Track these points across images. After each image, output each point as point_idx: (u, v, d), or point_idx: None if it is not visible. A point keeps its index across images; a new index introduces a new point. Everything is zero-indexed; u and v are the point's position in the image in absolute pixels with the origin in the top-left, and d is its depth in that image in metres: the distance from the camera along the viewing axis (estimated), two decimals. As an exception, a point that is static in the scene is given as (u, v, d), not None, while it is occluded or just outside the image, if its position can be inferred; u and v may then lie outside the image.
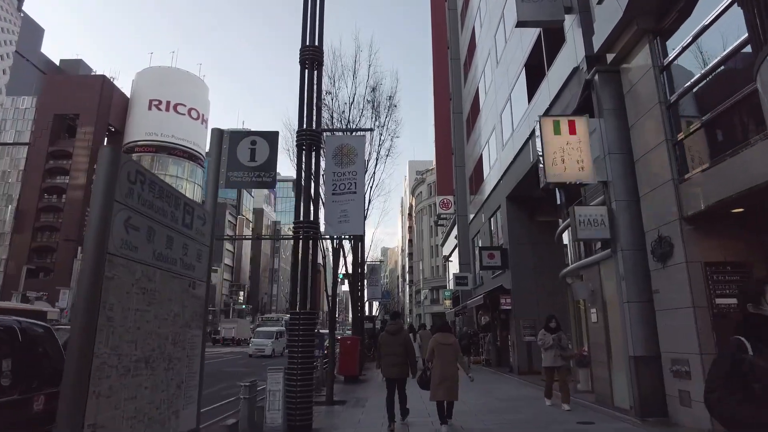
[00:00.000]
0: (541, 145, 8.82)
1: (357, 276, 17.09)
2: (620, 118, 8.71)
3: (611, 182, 8.54)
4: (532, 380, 13.77)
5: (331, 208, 8.26)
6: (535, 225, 17.21)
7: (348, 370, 14.18)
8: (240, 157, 3.81)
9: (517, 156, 15.74)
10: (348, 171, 8.33)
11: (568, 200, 11.93)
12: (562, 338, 9.07)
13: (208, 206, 3.90)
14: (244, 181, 3.77)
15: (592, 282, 9.41)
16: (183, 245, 3.27)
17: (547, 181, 8.62)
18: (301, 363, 7.35)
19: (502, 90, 17.96)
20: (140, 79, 79.65)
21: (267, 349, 28.48)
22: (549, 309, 16.25)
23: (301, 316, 7.47)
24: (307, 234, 7.81)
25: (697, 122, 6.82)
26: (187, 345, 3.30)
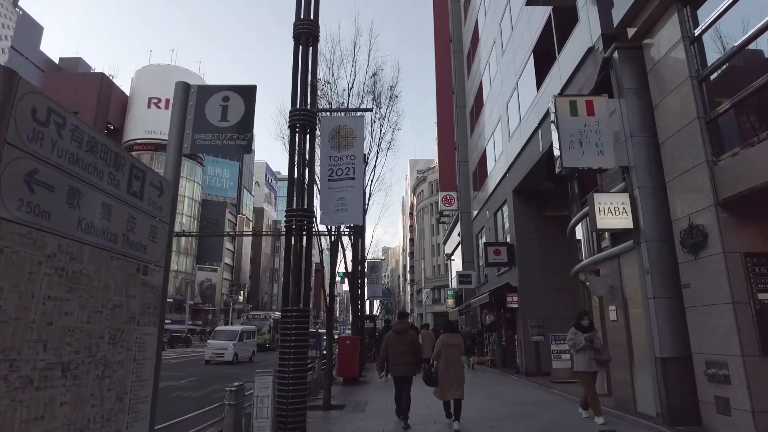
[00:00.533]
0: (557, 128, 8.10)
1: (357, 273, 16.38)
2: (642, 97, 7.98)
3: (633, 167, 7.81)
4: (541, 382, 13.06)
5: (327, 196, 7.55)
6: (543, 220, 16.49)
7: (347, 372, 13.47)
8: (209, 116, 3.11)
9: (525, 146, 15.01)
10: (346, 155, 7.62)
11: (581, 190, 11.21)
12: (596, 338, 7.50)
13: (169, 174, 3.19)
14: (213, 144, 3.06)
15: (610, 277, 8.68)
16: (129, 218, 2.56)
17: (564, 167, 7.89)
18: (294, 364, 6.64)
19: (509, 79, 17.24)
20: (139, 77, 79.11)
21: (227, 354, 22.26)
22: (558, 307, 15.59)
23: (293, 313, 6.75)
24: (301, 223, 7.10)
25: (737, 95, 6.09)
26: (135, 346, 2.58)
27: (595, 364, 7.44)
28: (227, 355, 22.37)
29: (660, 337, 7.04)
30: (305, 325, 6.90)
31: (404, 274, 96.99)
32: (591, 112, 8.15)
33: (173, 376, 16.10)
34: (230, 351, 22.54)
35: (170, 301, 66.65)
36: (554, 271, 15.77)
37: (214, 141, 3.22)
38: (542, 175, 14.35)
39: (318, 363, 13.65)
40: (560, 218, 16.38)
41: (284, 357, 6.68)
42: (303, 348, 6.78)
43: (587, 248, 10.63)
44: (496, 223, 19.94)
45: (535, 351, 15.32)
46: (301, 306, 7.00)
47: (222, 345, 22.84)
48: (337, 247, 10.00)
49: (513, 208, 16.66)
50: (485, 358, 20.36)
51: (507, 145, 17.47)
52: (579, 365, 7.57)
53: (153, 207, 2.86)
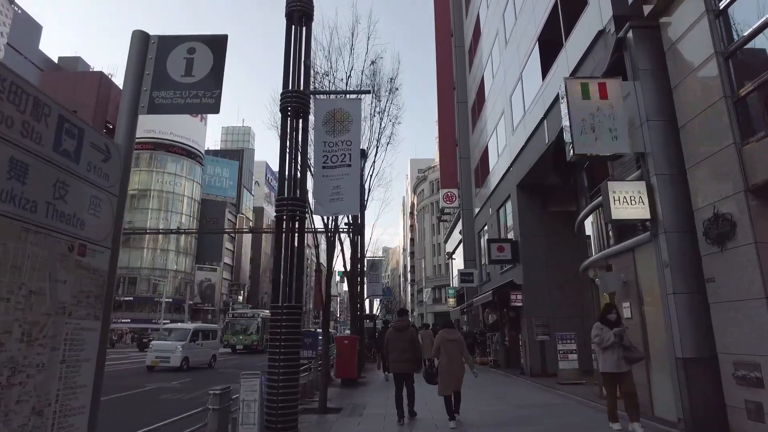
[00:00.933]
0: (568, 112, 7.57)
1: (356, 271, 15.85)
2: (659, 79, 7.45)
3: (650, 153, 7.27)
4: (547, 383, 12.51)
5: (321, 184, 7.02)
6: (548, 215, 15.96)
7: (345, 373, 12.93)
8: (171, 71, 2.58)
9: (529, 139, 14.48)
10: (341, 140, 7.09)
11: (590, 182, 10.68)
12: (625, 335, 6.55)
13: (121, 138, 2.66)
14: (175, 103, 2.53)
15: (624, 272, 8.15)
16: (57, 183, 2.03)
17: (575, 153, 7.36)
18: (284, 365, 6.10)
19: (512, 71, 16.71)
20: (138, 76, 78.52)
21: (174, 358, 17.85)
22: (563, 306, 15.05)
23: (283, 310, 6.22)
24: (293, 213, 6.57)
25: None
26: (63, 344, 2.06)
27: (624, 363, 6.45)
28: (174, 360, 17.86)
29: (681, 336, 6.51)
30: (296, 324, 6.37)
31: (404, 273, 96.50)
32: (604, 95, 7.62)
33: (166, 378, 15.58)
34: (178, 354, 17.98)
35: (169, 301, 66.20)
36: (560, 268, 15.24)
37: (176, 99, 2.70)
38: (547, 168, 13.82)
39: (315, 364, 13.15)
40: (565, 214, 15.85)
41: (274, 357, 6.16)
42: (294, 348, 6.25)
43: (597, 243, 10.09)
44: (498, 220, 19.41)
45: (540, 351, 14.78)
46: (293, 302, 6.48)
47: (168, 347, 18.29)
48: (334, 240, 9.48)
49: (517, 203, 16.12)
50: (488, 359, 19.80)
51: (510, 138, 16.94)
52: (606, 365, 6.54)
53: (95, 173, 2.33)
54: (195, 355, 19.07)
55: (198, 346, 19.47)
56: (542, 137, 13.28)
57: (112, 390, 12.10)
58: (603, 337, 6.55)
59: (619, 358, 6.45)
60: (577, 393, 10.45)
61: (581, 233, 11.40)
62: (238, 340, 30.65)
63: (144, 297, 68.30)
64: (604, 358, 6.58)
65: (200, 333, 20.18)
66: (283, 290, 6.39)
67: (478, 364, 20.15)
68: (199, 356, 19.39)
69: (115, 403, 10.33)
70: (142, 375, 16.37)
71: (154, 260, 71.42)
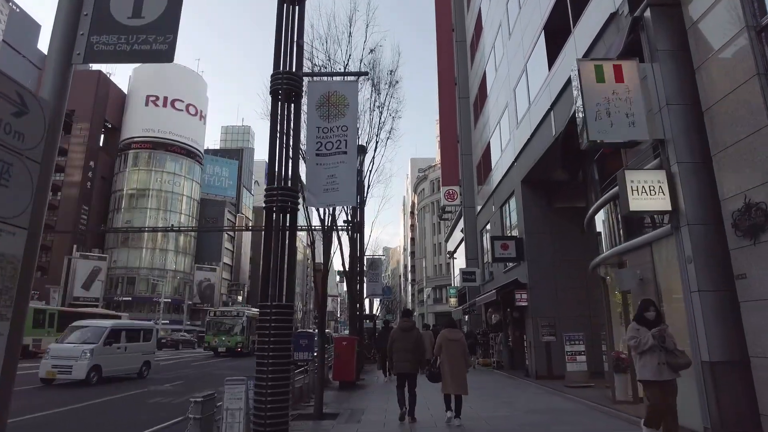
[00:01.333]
0: (581, 96, 7.02)
1: (355, 269, 15.32)
2: (680, 60, 6.90)
3: (670, 140, 6.73)
4: (554, 386, 11.97)
5: (315, 174, 6.48)
6: (553, 212, 15.42)
7: (344, 375, 12.40)
8: (115, 12, 2.04)
9: (535, 132, 13.94)
10: (337, 126, 6.56)
11: (601, 175, 10.14)
12: (668, 335, 5.41)
13: (47, 92, 2.12)
14: (119, 50, 1.99)
15: (640, 269, 7.60)
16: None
17: (590, 140, 6.81)
18: (273, 369, 5.57)
19: (516, 62, 16.16)
20: (137, 75, 78.14)
21: (78, 367, 13.13)
22: (570, 305, 14.49)
23: (272, 309, 5.69)
24: (283, 204, 6.04)
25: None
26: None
27: (667, 370, 5.31)
28: (77, 370, 13.08)
29: (708, 338, 5.96)
30: (287, 325, 5.84)
31: (405, 273, 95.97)
32: (620, 78, 7.08)
33: (158, 379, 15.04)
34: (84, 362, 13.24)
35: (168, 301, 65.67)
36: (566, 266, 14.71)
37: (120, 46, 2.16)
38: (554, 162, 13.24)
39: (312, 366, 12.64)
40: (572, 210, 15.31)
41: (262, 361, 5.62)
42: (284, 351, 5.71)
43: (609, 239, 9.54)
44: (502, 218, 18.86)
45: (546, 352, 14.24)
46: (283, 301, 5.94)
47: (70, 352, 13.42)
48: (331, 236, 8.95)
49: (521, 199, 15.57)
50: (491, 360, 19.26)
51: (515, 133, 16.39)
52: (645, 372, 5.45)
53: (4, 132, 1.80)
54: (113, 362, 14.38)
55: (118, 351, 14.70)
56: (549, 129, 12.75)
57: (97, 393, 11.59)
58: (640, 339, 5.46)
59: (660, 364, 5.31)
60: (587, 397, 9.91)
61: (591, 229, 10.85)
62: (221, 341, 28.15)
63: (142, 297, 67.83)
64: (642, 364, 5.47)
65: (122, 333, 15.18)
66: (272, 288, 5.85)
67: (480, 365, 19.67)
68: (120, 364, 14.75)
69: (96, 408, 9.79)
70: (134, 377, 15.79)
71: (152, 260, 70.96)
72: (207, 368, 19.90)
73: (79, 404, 10.02)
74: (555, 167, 13.90)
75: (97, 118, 72.78)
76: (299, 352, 10.25)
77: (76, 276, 60.26)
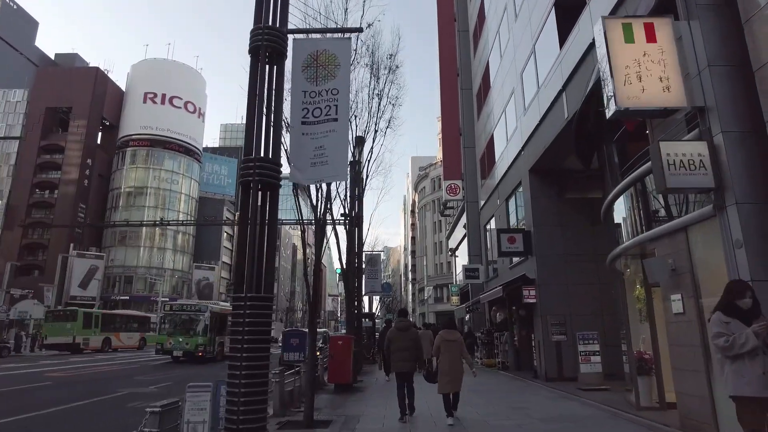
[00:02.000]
0: (607, 59, 6.10)
1: (353, 264, 14.42)
2: (723, 15, 5.99)
3: (713, 107, 5.81)
4: (566, 389, 11.07)
5: (300, 145, 5.58)
6: (564, 203, 14.49)
7: (339, 377, 11.48)
8: None
9: (545, 116, 13.02)
10: (326, 89, 5.66)
11: (622, 157, 9.22)
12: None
13: None
14: None
15: (673, 257, 6.67)
16: None
17: (618, 108, 5.89)
18: (247, 372, 4.67)
19: (523, 45, 15.24)
20: (135, 72, 77.35)
21: None
22: (582, 302, 13.54)
23: (247, 302, 4.79)
24: (263, 178, 5.14)
25: None
26: None
27: None
28: None
29: (762, 335, 5.03)
30: (265, 320, 4.94)
31: (405, 273, 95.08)
32: (651, 38, 6.17)
33: (143, 381, 14.11)
34: None
35: (166, 300, 64.75)
36: (578, 260, 13.80)
37: None
38: (565, 148, 12.34)
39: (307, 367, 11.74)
40: (584, 201, 14.43)
41: (235, 364, 4.72)
42: (261, 351, 4.81)
43: (631, 227, 8.62)
44: (507, 211, 17.94)
45: (557, 352, 13.33)
46: (262, 293, 5.04)
47: None
48: (324, 223, 8.04)
49: (530, 190, 14.64)
50: (495, 360, 18.33)
51: (522, 119, 15.47)
52: (740, 385, 3.77)
53: None
54: None
55: None
56: (560, 112, 11.83)
57: (78, 396, 10.69)
58: (736, 340, 3.77)
59: (765, 373, 3.68)
60: (606, 401, 8.99)
61: (609, 218, 9.93)
62: (177, 343, 22.18)
63: (140, 296, 66.98)
64: (737, 372, 3.78)
65: None
66: (248, 276, 4.95)
67: (484, 366, 18.74)
68: None
69: (72, 413, 8.89)
70: (118, 378, 14.92)
71: (150, 259, 70.12)
72: (195, 369, 18.96)
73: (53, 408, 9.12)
74: (566, 154, 13.01)
75: (95, 116, 71.94)
76: (290, 352, 9.34)
77: (73, 275, 59.46)
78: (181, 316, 23.11)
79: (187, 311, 23.38)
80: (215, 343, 23.00)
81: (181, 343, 22.17)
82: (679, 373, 6.63)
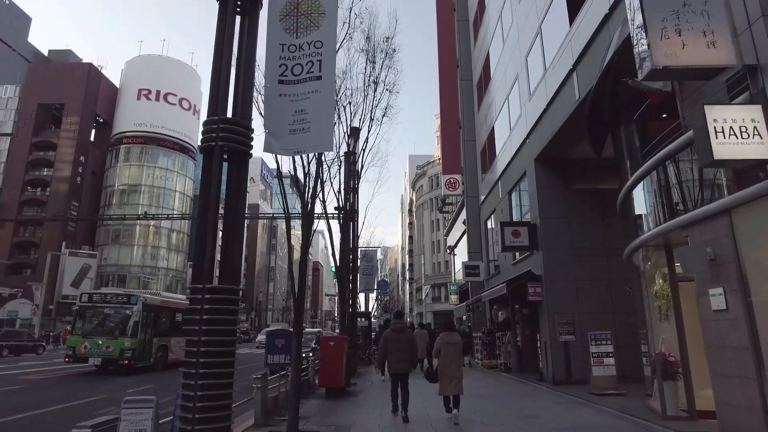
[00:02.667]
0: (641, 10, 5.19)
1: (346, 259, 13.48)
2: (777, -42, 5.07)
3: (766, 66, 4.90)
4: (577, 394, 10.18)
5: (277, 108, 4.67)
6: (572, 194, 13.60)
7: (330, 380, 10.55)
8: None
9: (552, 99, 12.12)
10: (308, 42, 4.75)
11: (643, 138, 8.31)
12: None
13: None
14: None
15: (713, 245, 5.76)
16: None
17: (655, 66, 4.99)
18: (205, 382, 3.73)
19: (528, 27, 14.34)
20: (129, 68, 76.27)
21: None
22: (593, 300, 12.60)
23: (205, 294, 3.85)
24: (228, 143, 4.21)
25: None
26: None
27: None
28: None
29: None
30: (230, 317, 3.99)
31: (403, 272, 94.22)
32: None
33: (120, 384, 13.01)
34: None
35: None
36: (587, 255, 12.92)
37: None
38: (575, 133, 11.45)
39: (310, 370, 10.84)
40: (593, 192, 13.56)
41: (190, 371, 3.78)
42: (224, 355, 3.87)
43: (654, 215, 7.72)
44: (510, 204, 17.03)
45: (565, 354, 12.42)
46: (227, 284, 4.10)
47: None
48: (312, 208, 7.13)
49: (535, 180, 13.73)
50: (497, 362, 17.42)
51: (527, 106, 14.56)
52: None
53: None
54: None
55: None
56: (570, 94, 10.93)
57: (43, 402, 9.67)
58: None
59: None
60: (625, 409, 8.10)
61: (627, 208, 9.03)
62: (94, 346, 15.81)
63: (133, 295, 65.80)
64: None
65: None
66: (207, 263, 4.01)
67: (485, 367, 17.83)
68: None
69: (32, 421, 7.93)
70: (96, 380, 13.86)
71: (144, 258, 69.05)
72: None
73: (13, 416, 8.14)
74: (575, 141, 12.13)
75: (88, 112, 70.82)
76: (274, 354, 8.41)
77: (65, 273, 58.35)
78: (103, 309, 16.76)
79: (111, 303, 16.89)
80: (153, 346, 17.07)
81: (100, 347, 15.77)
82: (720, 379, 5.72)
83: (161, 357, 17.62)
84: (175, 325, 18.32)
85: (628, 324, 11.51)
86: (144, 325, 16.60)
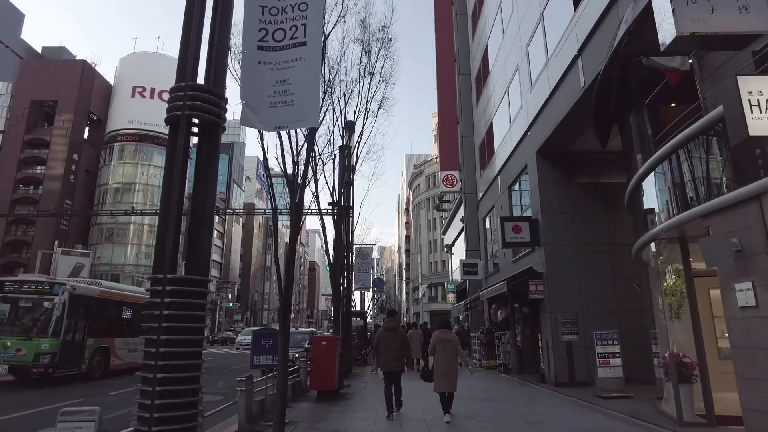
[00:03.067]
0: (663, -28, 4.66)
1: (339, 255, 12.94)
2: None
3: (805, 33, 4.39)
4: (582, 396, 9.67)
5: (255, 77, 4.12)
6: (575, 188, 13.10)
7: (322, 383, 9.99)
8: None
9: (555, 89, 11.60)
10: (291, 4, 4.20)
11: (654, 125, 7.79)
12: None
13: None
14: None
15: (739, 235, 5.24)
16: None
17: (681, 33, 4.46)
18: (164, 389, 3.17)
19: (529, 15, 13.82)
20: (124, 66, 75.51)
21: None
22: (597, 298, 12.06)
23: (166, 286, 3.29)
24: (195, 111, 3.65)
25: None
26: None
27: None
28: None
29: None
30: (196, 313, 3.44)
31: (400, 272, 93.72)
32: (721, -53, 4.73)
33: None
34: None
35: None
36: (591, 251, 12.42)
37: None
38: (580, 123, 10.95)
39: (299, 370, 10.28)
40: (597, 185, 13.06)
41: (149, 375, 3.22)
42: (187, 356, 3.31)
43: (667, 207, 7.21)
44: (510, 200, 16.51)
45: (567, 354, 11.90)
46: (195, 275, 3.54)
47: None
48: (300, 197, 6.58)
49: (537, 174, 13.20)
50: (496, 362, 16.91)
51: (528, 97, 14.04)
52: None
53: None
54: None
55: None
56: (575, 82, 10.41)
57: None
58: None
59: None
60: (635, 413, 7.57)
61: (636, 200, 8.52)
62: (1, 349, 12.07)
63: (127, 295, 65.08)
64: None
65: None
66: (170, 252, 3.46)
67: (484, 368, 17.31)
68: None
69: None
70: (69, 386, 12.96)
71: (138, 257, 68.30)
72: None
73: None
74: (579, 132, 11.62)
75: (82, 110, 70.01)
76: (260, 355, 7.84)
77: (58, 272, 57.53)
78: (17, 301, 12.90)
79: (27, 293, 12.94)
80: (85, 348, 13.49)
81: (8, 351, 12.02)
82: (747, 383, 5.20)
83: (99, 362, 14.05)
84: (121, 323, 15.46)
85: (634, 323, 11.02)
86: (72, 323, 12.99)
